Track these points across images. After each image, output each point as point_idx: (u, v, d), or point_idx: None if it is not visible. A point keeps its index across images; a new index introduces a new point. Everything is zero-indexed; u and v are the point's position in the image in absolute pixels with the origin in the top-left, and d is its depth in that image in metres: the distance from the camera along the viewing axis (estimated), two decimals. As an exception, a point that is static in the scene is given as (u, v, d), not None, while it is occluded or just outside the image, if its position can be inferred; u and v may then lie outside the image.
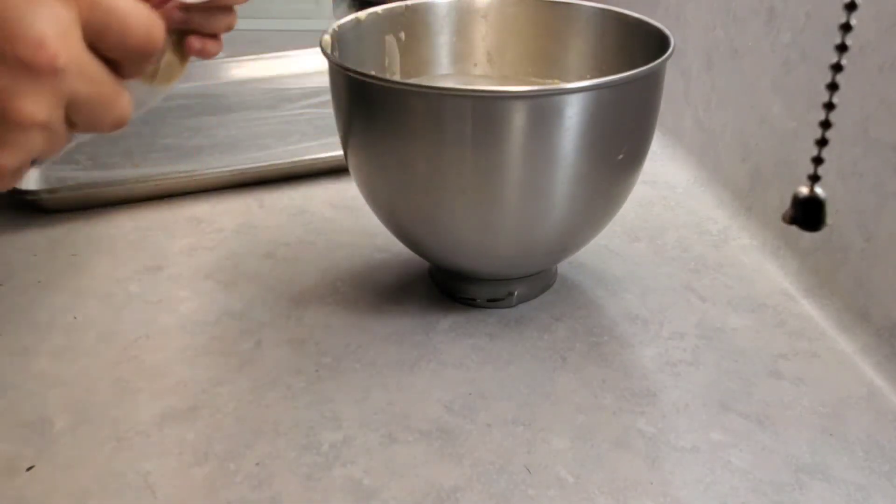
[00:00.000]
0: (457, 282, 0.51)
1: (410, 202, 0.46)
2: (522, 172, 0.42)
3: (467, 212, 0.44)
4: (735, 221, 0.60)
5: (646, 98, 0.45)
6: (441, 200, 0.44)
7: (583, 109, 0.41)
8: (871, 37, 0.46)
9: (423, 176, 0.44)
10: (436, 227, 0.46)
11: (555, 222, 0.45)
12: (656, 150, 0.72)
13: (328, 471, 0.40)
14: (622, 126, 0.44)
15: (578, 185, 0.43)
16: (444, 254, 0.48)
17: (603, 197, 0.46)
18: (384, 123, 0.43)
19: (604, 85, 0.41)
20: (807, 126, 0.54)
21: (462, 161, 0.42)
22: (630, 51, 0.51)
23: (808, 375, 0.45)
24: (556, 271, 0.54)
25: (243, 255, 0.58)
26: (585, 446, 0.41)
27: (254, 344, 0.49)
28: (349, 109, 0.45)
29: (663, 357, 0.47)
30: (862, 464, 0.39)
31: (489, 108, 0.40)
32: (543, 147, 0.41)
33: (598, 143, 0.43)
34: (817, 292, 0.51)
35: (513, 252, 0.47)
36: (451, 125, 0.41)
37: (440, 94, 0.42)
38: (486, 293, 0.51)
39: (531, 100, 0.40)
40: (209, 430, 0.42)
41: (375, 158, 0.45)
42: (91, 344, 0.49)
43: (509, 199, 0.43)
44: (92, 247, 0.59)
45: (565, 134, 0.41)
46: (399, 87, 0.43)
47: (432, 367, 0.46)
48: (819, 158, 0.23)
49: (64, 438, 0.42)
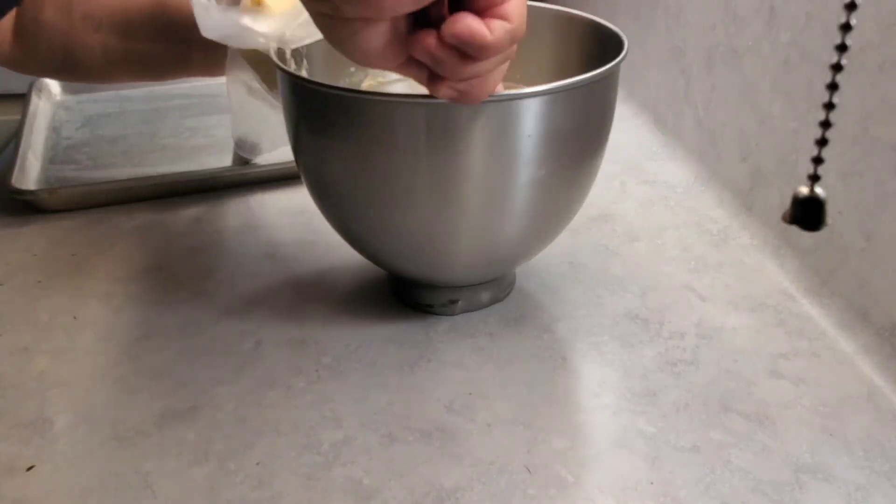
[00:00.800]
0: (410, 288, 0.51)
1: (363, 213, 0.44)
2: (479, 180, 0.41)
3: (421, 221, 0.43)
4: (735, 221, 0.60)
5: (603, 99, 0.44)
6: (394, 210, 0.43)
7: (538, 114, 0.40)
8: (871, 36, 0.46)
9: (377, 186, 0.42)
10: (390, 237, 0.45)
11: (511, 229, 0.44)
12: (656, 150, 0.72)
13: (328, 471, 0.40)
14: (579, 129, 0.43)
15: (535, 190, 0.43)
16: (399, 263, 0.48)
17: (558, 202, 0.45)
18: (334, 132, 0.42)
19: (559, 89, 0.40)
20: (807, 126, 0.54)
21: (415, 170, 0.41)
22: (588, 54, 0.49)
23: (808, 375, 0.45)
24: (514, 279, 0.54)
25: (243, 255, 0.58)
26: (585, 446, 0.41)
27: (254, 344, 0.49)
28: (298, 119, 0.44)
29: (663, 357, 0.47)
30: (862, 464, 0.39)
31: (443, 116, 0.39)
32: (499, 154, 0.40)
33: (555, 147, 0.42)
34: (817, 292, 0.51)
35: (468, 260, 0.46)
36: (403, 134, 0.40)
37: (392, 102, 0.40)
38: (439, 299, 0.50)
39: (484, 106, 0.39)
40: (209, 430, 0.42)
41: (327, 168, 0.44)
42: (91, 344, 0.49)
43: (465, 208, 0.42)
44: (92, 247, 0.59)
45: (520, 140, 0.40)
46: (349, 96, 0.41)
47: (432, 367, 0.46)
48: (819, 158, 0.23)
49: (64, 438, 0.42)
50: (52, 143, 0.77)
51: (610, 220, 0.61)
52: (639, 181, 0.67)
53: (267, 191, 0.67)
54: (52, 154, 0.75)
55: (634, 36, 0.79)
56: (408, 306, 0.51)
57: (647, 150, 0.72)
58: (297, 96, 0.43)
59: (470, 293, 0.50)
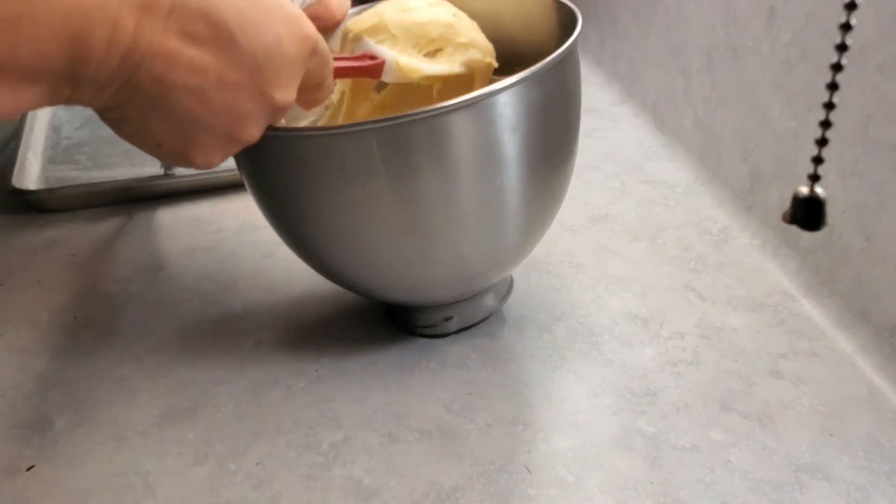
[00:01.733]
0: (403, 312, 0.49)
1: (334, 246, 0.42)
2: (442, 196, 0.38)
3: (392, 248, 0.40)
4: (735, 221, 0.60)
5: (564, 84, 0.40)
6: (363, 241, 0.40)
7: (492, 117, 0.37)
8: (871, 36, 0.46)
9: (340, 221, 0.40)
10: (364, 267, 0.42)
11: (488, 242, 0.42)
12: (656, 150, 0.72)
13: (328, 470, 0.40)
14: (543, 122, 0.39)
15: (511, 195, 0.40)
16: (379, 291, 0.45)
17: (532, 208, 0.42)
18: (285, 175, 0.39)
19: (513, 84, 0.36)
20: (807, 126, 0.54)
21: (377, 198, 0.38)
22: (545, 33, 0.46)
23: (808, 375, 0.45)
24: (511, 287, 0.52)
25: (243, 255, 0.58)
26: (585, 446, 0.41)
27: (254, 344, 0.49)
28: (248, 167, 0.41)
29: (663, 357, 0.47)
30: (862, 463, 0.39)
31: (394, 138, 0.36)
32: (457, 166, 0.38)
33: (522, 146, 0.38)
34: (817, 292, 0.51)
35: (447, 280, 0.44)
36: (357, 164, 0.37)
37: (332, 135, 0.37)
38: (423, 320, 0.48)
39: (434, 119, 0.36)
40: (209, 429, 0.42)
41: (287, 210, 0.41)
42: (91, 344, 0.49)
43: (434, 228, 0.39)
44: (92, 247, 0.59)
45: (480, 147, 0.37)
46: (291, 136, 0.37)
47: (432, 367, 0.46)
48: (819, 158, 0.23)
49: (64, 438, 0.42)
50: (52, 142, 0.77)
51: (610, 220, 0.61)
52: (639, 181, 0.67)
53: (267, 191, 0.67)
54: (52, 154, 0.75)
55: (634, 36, 0.79)
56: (405, 331, 0.49)
57: (647, 150, 0.72)
58: None
59: (464, 306, 0.48)
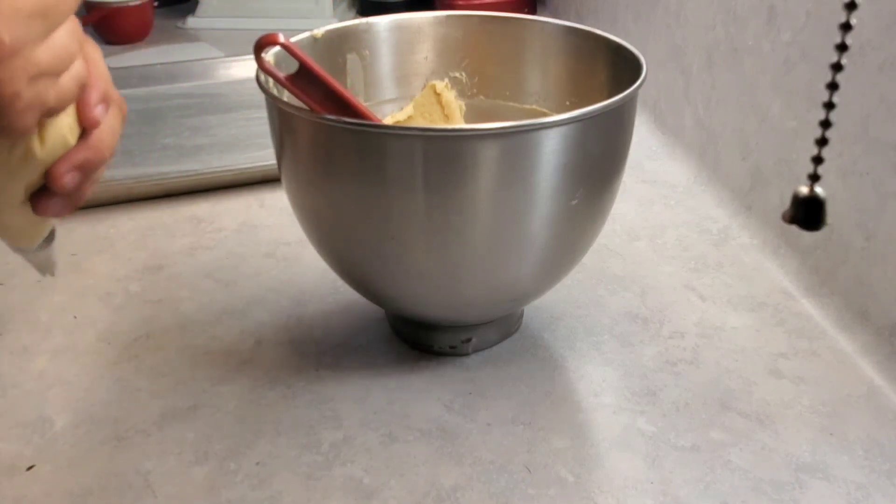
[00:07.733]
0: (414, 329, 0.48)
1: (354, 249, 0.41)
2: (488, 216, 0.38)
3: (420, 260, 0.40)
4: (735, 220, 0.60)
5: (622, 124, 0.41)
6: (393, 251, 0.39)
7: (549, 146, 0.37)
8: (871, 36, 0.46)
9: (374, 224, 0.39)
10: (388, 276, 0.41)
11: (519, 268, 0.41)
12: (656, 149, 0.72)
13: (328, 470, 0.40)
14: (590, 162, 0.39)
15: (543, 226, 0.39)
16: (398, 303, 0.45)
17: (565, 240, 0.42)
18: (318, 163, 0.39)
19: (574, 119, 0.37)
20: (807, 125, 0.54)
21: (413, 206, 0.37)
22: (592, 72, 0.47)
23: (808, 374, 0.45)
24: (522, 314, 0.50)
25: (243, 255, 0.58)
26: (585, 446, 0.41)
27: (254, 344, 0.49)
28: (281, 144, 0.41)
29: (663, 356, 0.47)
30: (862, 463, 0.39)
31: (441, 149, 0.36)
32: (509, 188, 0.37)
33: (563, 181, 0.38)
34: (817, 291, 0.51)
35: (472, 300, 0.43)
36: (396, 167, 0.36)
37: (382, 133, 0.36)
38: (445, 341, 0.47)
39: (498, 138, 0.35)
40: (209, 429, 0.42)
41: (321, 201, 0.40)
42: (91, 344, 0.49)
43: (468, 246, 0.39)
44: (92, 247, 0.59)
45: (537, 172, 0.37)
46: (339, 126, 0.37)
47: (432, 367, 0.46)
48: (819, 158, 0.23)
49: (64, 438, 0.42)
50: (51, 142, 0.77)
51: (610, 219, 0.61)
52: (639, 180, 0.67)
53: (267, 191, 0.67)
54: (52, 154, 0.75)
55: (634, 35, 0.79)
56: (419, 350, 0.48)
57: (647, 150, 0.72)
58: (280, 122, 0.40)
59: (484, 329, 0.47)
